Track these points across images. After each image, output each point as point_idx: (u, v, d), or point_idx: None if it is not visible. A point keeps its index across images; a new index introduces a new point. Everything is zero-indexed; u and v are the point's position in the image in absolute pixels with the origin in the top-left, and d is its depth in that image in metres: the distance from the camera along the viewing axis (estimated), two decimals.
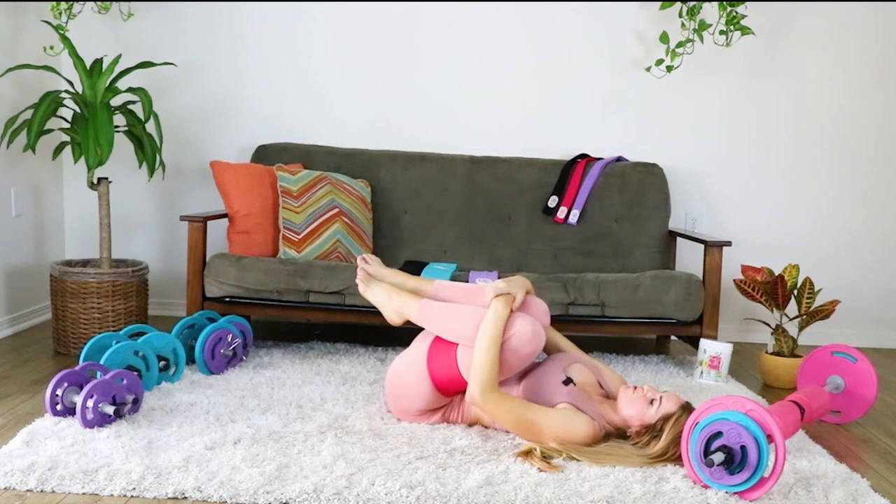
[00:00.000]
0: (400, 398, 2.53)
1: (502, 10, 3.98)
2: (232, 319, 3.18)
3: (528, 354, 2.39)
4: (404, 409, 2.54)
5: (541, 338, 2.39)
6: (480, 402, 2.30)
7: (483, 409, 2.32)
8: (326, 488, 2.00)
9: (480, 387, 2.30)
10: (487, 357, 2.32)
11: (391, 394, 2.56)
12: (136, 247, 4.13)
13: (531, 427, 2.30)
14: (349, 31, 4.01)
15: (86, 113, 3.28)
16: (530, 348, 2.37)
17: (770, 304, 3.36)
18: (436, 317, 2.51)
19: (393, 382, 2.55)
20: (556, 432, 2.29)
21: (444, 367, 2.44)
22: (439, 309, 2.52)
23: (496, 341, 2.34)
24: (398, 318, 2.62)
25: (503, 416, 2.32)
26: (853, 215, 4.07)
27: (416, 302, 2.56)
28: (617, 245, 3.77)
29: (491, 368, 2.31)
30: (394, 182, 3.83)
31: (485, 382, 2.30)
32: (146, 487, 1.99)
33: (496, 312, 2.38)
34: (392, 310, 2.62)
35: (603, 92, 4.02)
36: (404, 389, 2.51)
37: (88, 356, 2.73)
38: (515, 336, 2.36)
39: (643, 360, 3.51)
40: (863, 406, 2.77)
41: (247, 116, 4.07)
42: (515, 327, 2.37)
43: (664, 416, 2.28)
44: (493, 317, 2.38)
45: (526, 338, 2.36)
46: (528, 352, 2.38)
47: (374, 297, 2.66)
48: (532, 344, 2.37)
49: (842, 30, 3.96)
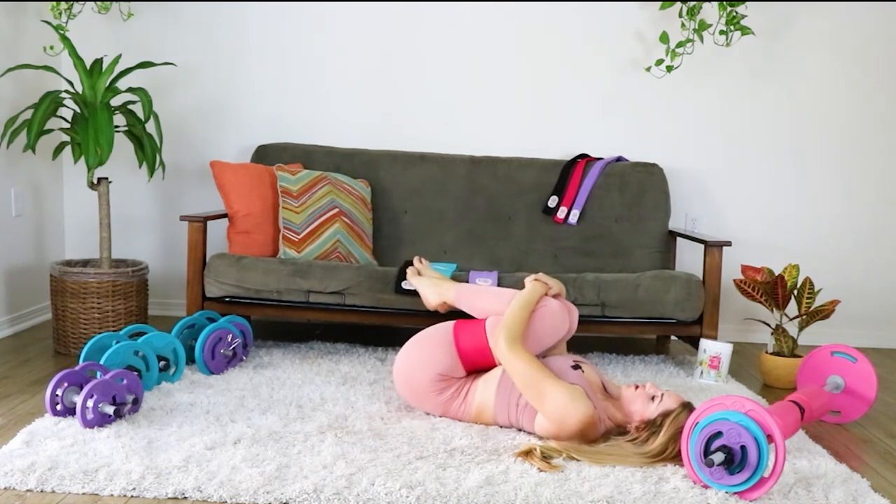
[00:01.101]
0: (416, 364, 2.56)
1: (502, 10, 3.98)
2: (232, 319, 3.18)
3: (553, 327, 2.59)
4: (416, 378, 2.55)
5: (567, 318, 2.65)
6: (504, 347, 2.43)
7: (504, 356, 2.43)
8: (326, 488, 2.00)
9: (507, 334, 2.46)
10: (518, 313, 2.54)
11: (405, 361, 2.59)
12: (136, 247, 4.14)
13: (536, 387, 2.36)
14: (349, 31, 4.01)
15: (86, 113, 3.28)
16: (557, 320, 2.60)
17: (770, 304, 3.36)
18: (471, 298, 2.78)
19: (412, 347, 2.61)
20: (558, 404, 2.31)
21: (472, 335, 2.58)
22: (474, 291, 2.81)
23: (528, 306, 2.58)
24: (436, 298, 2.89)
25: (517, 369, 2.40)
26: (853, 215, 4.07)
27: (454, 285, 2.89)
28: (617, 245, 3.77)
29: (519, 323, 2.51)
30: (394, 182, 3.83)
31: (512, 332, 2.47)
32: (146, 487, 1.99)
33: (530, 289, 2.65)
34: (433, 290, 2.91)
35: (603, 92, 4.02)
36: (426, 351, 2.56)
37: (88, 356, 2.73)
38: (546, 307, 2.61)
39: (643, 360, 3.51)
40: (863, 406, 2.77)
41: (247, 116, 4.07)
42: (548, 301, 2.64)
43: (664, 412, 2.29)
44: (527, 291, 2.64)
45: (554, 310, 2.61)
46: (554, 324, 2.59)
47: (420, 284, 2.99)
48: (558, 317, 2.60)
49: (842, 30, 3.96)
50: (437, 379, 2.55)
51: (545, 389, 2.34)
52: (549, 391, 2.34)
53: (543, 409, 2.35)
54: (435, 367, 2.54)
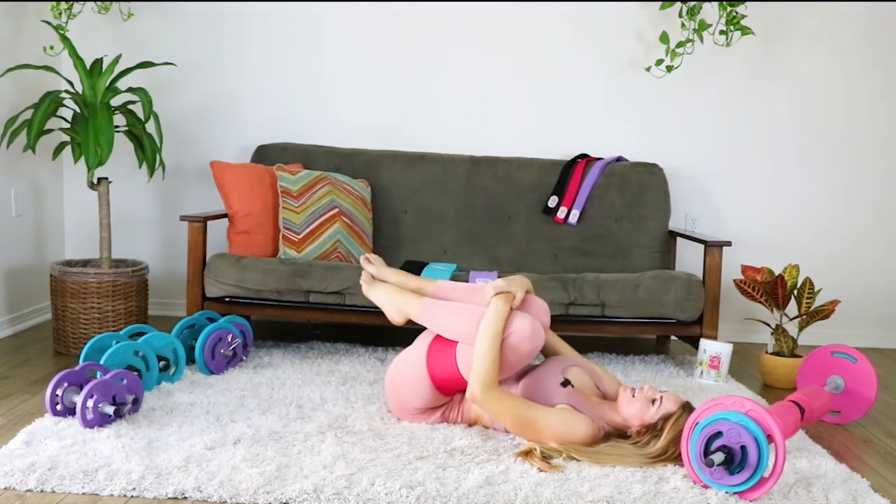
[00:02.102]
0: (400, 396, 2.53)
1: (502, 11, 3.98)
2: (232, 319, 3.18)
3: (528, 352, 2.38)
4: (404, 407, 2.54)
5: (540, 336, 2.39)
6: (481, 399, 2.30)
7: (483, 406, 2.32)
8: (326, 488, 2.00)
9: (481, 384, 2.30)
10: (488, 355, 2.32)
11: (391, 392, 2.56)
12: (136, 247, 4.13)
13: (530, 425, 2.30)
14: (349, 31, 4.01)
15: (86, 113, 3.28)
16: (529, 346, 2.37)
17: (770, 304, 3.36)
18: (436, 315, 2.52)
19: (393, 380, 2.55)
20: (555, 431, 2.29)
21: (444, 365, 2.45)
22: (440, 307, 2.53)
23: (496, 338, 2.34)
24: (400, 316, 2.64)
25: (503, 414, 2.32)
26: (853, 215, 4.07)
27: (418, 301, 2.58)
28: (617, 245, 3.77)
29: (491, 366, 2.32)
30: (394, 182, 3.83)
31: (485, 380, 2.30)
32: (146, 487, 1.99)
33: (496, 310, 2.39)
34: (394, 309, 2.64)
35: (603, 92, 4.02)
36: (404, 387, 2.51)
37: (88, 356, 2.73)
38: (515, 334, 2.36)
39: (643, 360, 3.51)
40: (863, 406, 2.77)
41: (247, 116, 4.07)
42: (515, 325, 2.37)
43: (664, 415, 2.28)
44: (493, 314, 2.38)
45: (525, 335, 2.36)
46: (528, 350, 2.37)
47: (377, 296, 2.70)
48: (531, 342, 2.37)
49: (842, 30, 3.96)
50: (422, 410, 2.54)
51: (537, 424, 2.30)
52: (542, 424, 2.30)
53: (544, 441, 2.30)
54: (415, 403, 2.52)
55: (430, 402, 2.51)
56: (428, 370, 2.46)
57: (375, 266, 2.79)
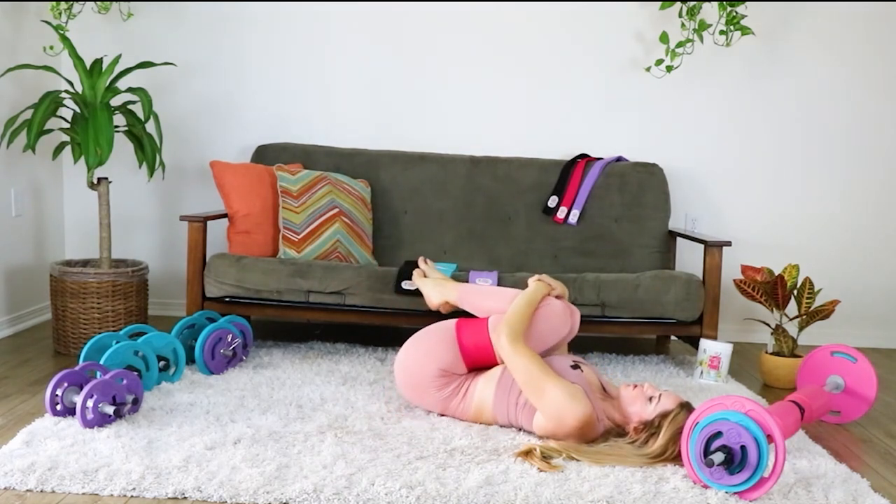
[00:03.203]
0: (418, 359, 2.57)
1: (502, 11, 3.98)
2: (232, 319, 3.18)
3: (555, 327, 2.59)
4: (418, 373, 2.56)
5: (569, 320, 2.64)
6: (506, 343, 2.44)
7: (506, 351, 2.44)
8: (326, 488, 2.00)
9: (509, 330, 2.47)
10: (521, 311, 2.55)
11: (408, 354, 2.61)
12: (136, 247, 4.13)
13: (536, 383, 2.37)
14: (349, 31, 4.01)
15: (86, 113, 3.28)
16: (558, 321, 2.60)
17: (770, 304, 3.36)
18: (473, 297, 2.80)
19: (414, 342, 2.63)
20: (556, 401, 2.32)
21: (474, 332, 2.59)
22: (477, 290, 2.83)
23: (530, 306, 2.59)
24: (439, 298, 2.92)
25: (519, 365, 2.40)
26: (853, 215, 4.07)
27: (457, 286, 2.91)
28: (617, 245, 3.77)
29: (522, 320, 2.53)
30: (394, 182, 3.83)
31: (514, 329, 2.48)
32: (146, 487, 1.99)
33: (533, 289, 2.66)
34: (436, 291, 2.94)
35: (603, 92, 4.02)
36: (426, 348, 2.58)
37: (88, 356, 2.73)
38: (548, 306, 2.62)
39: (643, 360, 3.51)
40: (863, 406, 2.77)
41: (247, 116, 4.07)
42: (550, 301, 2.65)
43: (662, 413, 2.29)
44: (531, 290, 2.66)
45: (557, 310, 2.62)
46: (556, 324, 2.59)
47: (424, 284, 3.03)
48: (562, 317, 2.61)
49: (842, 30, 3.96)
50: (438, 374, 2.55)
51: (545, 386, 2.35)
52: (548, 388, 2.34)
53: (542, 405, 2.35)
54: (437, 363, 2.55)
55: (450, 365, 2.55)
56: (457, 334, 2.60)
57: (429, 267, 3.19)
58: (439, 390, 2.56)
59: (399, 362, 2.64)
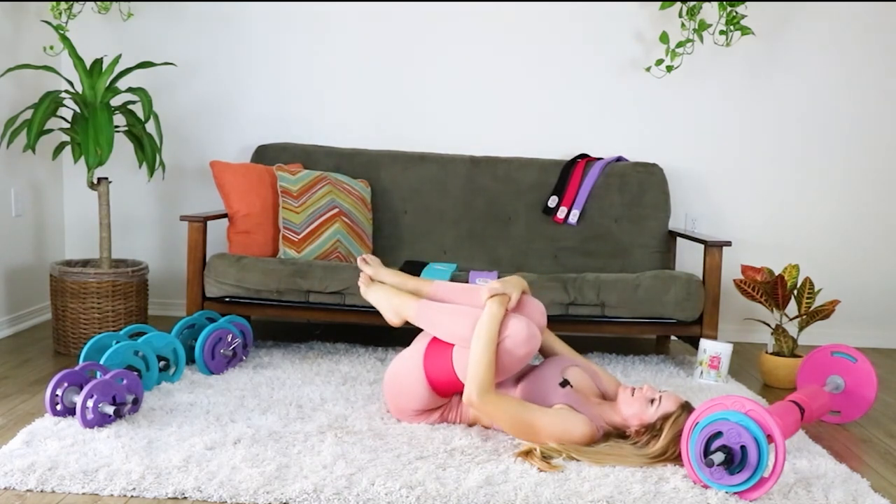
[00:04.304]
0: (398, 398, 2.53)
1: (502, 10, 3.98)
2: (232, 319, 3.18)
3: (524, 356, 2.37)
4: (402, 408, 2.54)
5: (536, 339, 2.38)
6: (477, 403, 2.30)
7: (480, 410, 2.32)
8: (326, 488, 2.00)
9: (477, 388, 2.29)
10: (483, 358, 2.31)
11: (389, 393, 2.56)
12: (136, 247, 4.13)
13: (528, 427, 2.30)
14: (349, 31, 4.01)
15: (86, 113, 3.28)
16: (525, 349, 2.36)
17: (770, 304, 3.36)
18: (432, 317, 2.51)
19: (391, 382, 2.55)
20: (553, 432, 2.29)
21: (441, 367, 2.44)
22: (436, 310, 2.52)
23: (492, 342, 2.33)
24: (397, 318, 2.63)
25: (500, 417, 2.31)
26: (853, 215, 4.07)
27: (415, 302, 2.56)
28: (617, 245, 3.77)
29: (487, 369, 2.31)
30: (394, 182, 3.83)
31: (481, 383, 2.29)
32: (146, 487, 1.99)
33: (491, 313, 2.38)
34: (391, 310, 2.63)
35: (603, 92, 4.02)
36: (402, 389, 2.51)
37: (88, 356, 2.73)
38: (510, 338, 2.35)
39: (643, 360, 3.51)
40: (863, 406, 2.77)
41: (247, 116, 4.07)
42: (510, 328, 2.36)
43: (663, 415, 2.28)
44: (487, 318, 2.37)
45: (521, 339, 2.34)
46: (524, 353, 2.36)
47: (375, 298, 2.68)
48: (527, 346, 2.35)
49: (842, 29, 3.96)
50: (419, 412, 2.53)
51: (535, 426, 2.30)
52: (539, 426, 2.30)
53: (542, 441, 2.30)
54: (412, 404, 2.51)
55: (427, 403, 2.51)
56: (425, 372, 2.45)
57: (373, 267, 2.76)
58: (428, 418, 2.55)
59: (385, 396, 2.60)
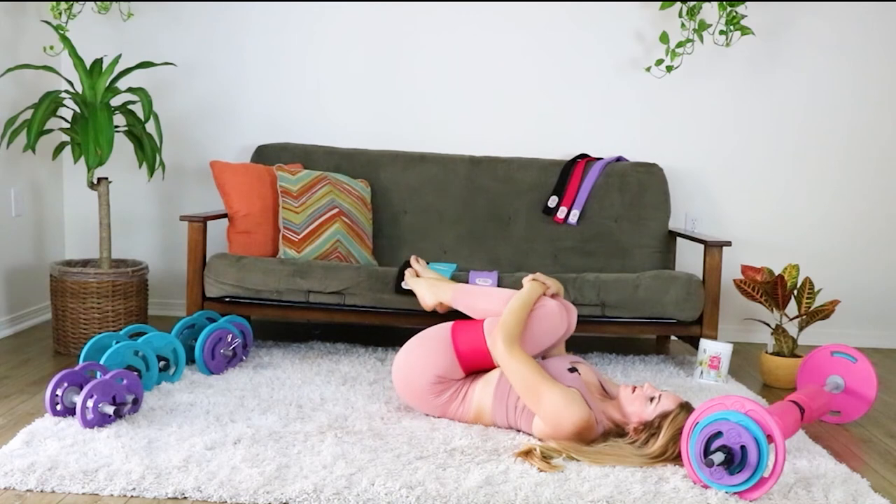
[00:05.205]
0: (414, 366, 2.55)
1: (502, 10, 3.98)
2: (232, 319, 3.18)
3: (551, 328, 2.58)
4: (415, 380, 2.55)
5: (566, 320, 2.62)
6: (502, 349, 2.42)
7: (502, 357, 2.42)
8: (326, 488, 2.00)
9: (504, 335, 2.44)
10: (515, 314, 2.52)
11: (405, 361, 2.59)
12: (136, 247, 4.14)
13: (533, 389, 2.35)
14: (349, 31, 4.01)
15: (86, 113, 3.28)
16: (554, 321, 2.58)
17: (770, 304, 3.36)
18: (468, 298, 2.78)
19: (410, 349, 2.60)
20: (553, 406, 2.31)
21: (470, 336, 2.56)
22: (471, 291, 2.80)
23: (525, 308, 2.55)
24: (433, 299, 2.90)
25: (515, 370, 2.39)
26: (853, 215, 4.07)
27: (452, 286, 2.88)
28: (617, 245, 3.77)
29: (517, 323, 2.50)
30: (394, 182, 3.83)
31: (510, 333, 2.46)
32: (146, 487, 1.99)
33: (528, 289, 2.62)
34: (430, 292, 2.92)
35: (603, 92, 4.02)
36: (422, 355, 2.55)
37: (88, 356, 2.73)
38: (544, 307, 2.59)
39: (643, 360, 3.51)
40: (863, 406, 2.77)
41: (247, 116, 4.07)
42: (546, 302, 2.61)
43: (662, 413, 2.29)
44: (525, 291, 2.62)
45: (553, 311, 2.59)
46: (551, 325, 2.57)
47: (415, 284, 3.02)
48: (556, 317, 2.58)
49: (842, 30, 3.96)
50: (435, 381, 2.54)
51: (542, 392, 2.34)
52: (545, 394, 2.33)
53: (539, 411, 2.35)
54: (433, 370, 2.54)
55: (446, 371, 2.53)
56: (452, 339, 2.57)
57: (421, 266, 3.14)
58: (437, 396, 2.56)
59: (396, 368, 2.63)
